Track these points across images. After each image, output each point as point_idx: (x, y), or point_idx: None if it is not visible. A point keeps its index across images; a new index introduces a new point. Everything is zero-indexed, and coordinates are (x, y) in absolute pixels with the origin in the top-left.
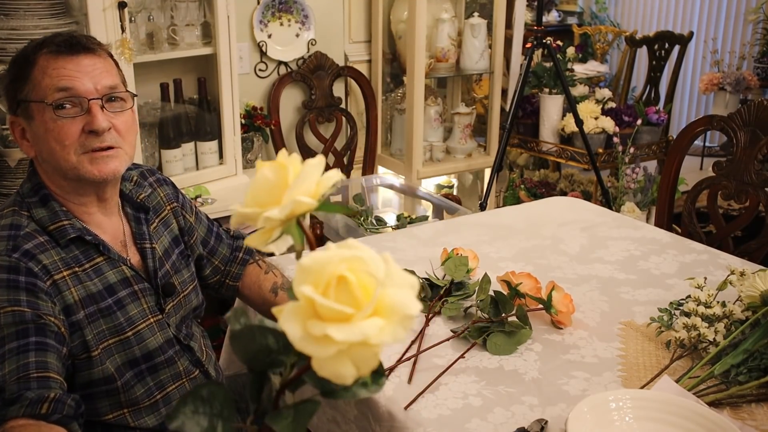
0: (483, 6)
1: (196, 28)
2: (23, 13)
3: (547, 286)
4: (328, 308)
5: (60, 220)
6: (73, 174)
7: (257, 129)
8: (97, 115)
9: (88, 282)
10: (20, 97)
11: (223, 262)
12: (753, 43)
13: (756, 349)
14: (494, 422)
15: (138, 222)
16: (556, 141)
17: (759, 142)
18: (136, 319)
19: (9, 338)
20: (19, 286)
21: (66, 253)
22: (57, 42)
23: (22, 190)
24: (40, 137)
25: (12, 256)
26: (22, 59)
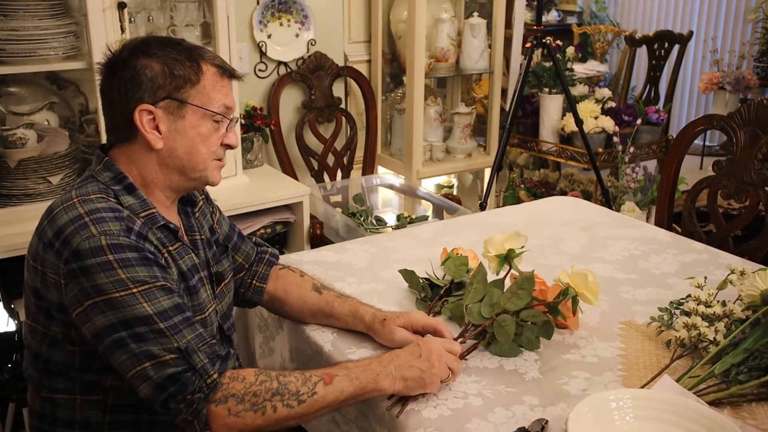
0: (483, 6)
1: (195, 29)
2: (23, 13)
3: (553, 288)
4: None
5: (150, 208)
6: (198, 174)
7: (257, 129)
8: (237, 135)
9: (179, 260)
10: (179, 95)
11: (246, 260)
12: (753, 42)
13: (756, 349)
14: (495, 422)
15: (187, 215)
16: (556, 141)
17: (759, 142)
18: (207, 303)
19: (173, 311)
20: (151, 262)
21: (159, 234)
22: (221, 64)
23: (101, 178)
24: (185, 136)
25: (130, 236)
26: (189, 62)
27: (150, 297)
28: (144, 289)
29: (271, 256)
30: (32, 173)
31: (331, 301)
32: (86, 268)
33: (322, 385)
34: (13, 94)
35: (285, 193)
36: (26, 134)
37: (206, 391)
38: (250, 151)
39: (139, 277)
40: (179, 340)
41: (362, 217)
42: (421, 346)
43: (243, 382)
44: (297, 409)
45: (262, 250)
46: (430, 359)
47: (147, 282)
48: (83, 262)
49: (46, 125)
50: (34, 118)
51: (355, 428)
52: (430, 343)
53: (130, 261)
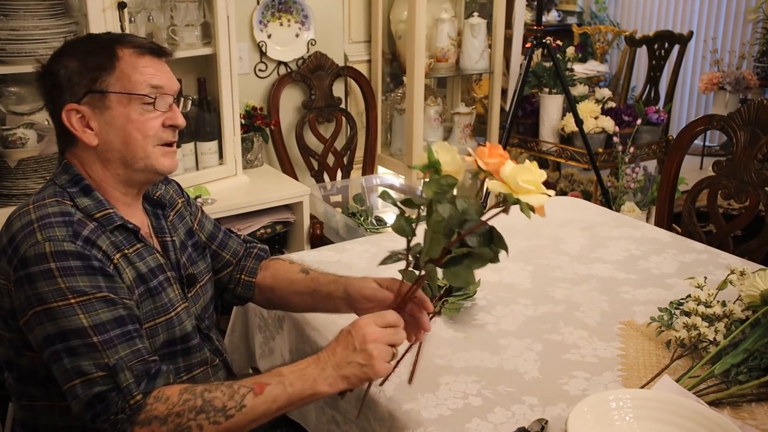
0: (483, 6)
1: (195, 29)
2: (23, 13)
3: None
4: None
5: (105, 208)
6: (143, 164)
7: (257, 129)
8: (178, 113)
9: (137, 263)
10: (98, 87)
11: (234, 255)
12: (753, 42)
13: (756, 349)
14: (494, 422)
15: (156, 217)
16: (556, 141)
17: (759, 142)
18: (174, 302)
19: (110, 325)
20: (95, 271)
21: (113, 236)
22: (140, 43)
23: (58, 181)
24: (116, 127)
25: (76, 242)
26: (101, 50)
27: (88, 309)
28: (83, 300)
29: (260, 251)
30: (32, 173)
31: (316, 277)
32: (30, 276)
33: (252, 396)
34: (13, 94)
35: (285, 193)
36: (26, 134)
37: (129, 413)
38: (250, 151)
39: (79, 287)
40: (111, 356)
41: (362, 217)
42: (354, 334)
43: (166, 402)
44: (225, 425)
45: (251, 246)
46: (366, 349)
47: (86, 293)
48: (28, 270)
49: (46, 125)
50: (34, 118)
51: (355, 428)
52: (362, 328)
53: (72, 270)
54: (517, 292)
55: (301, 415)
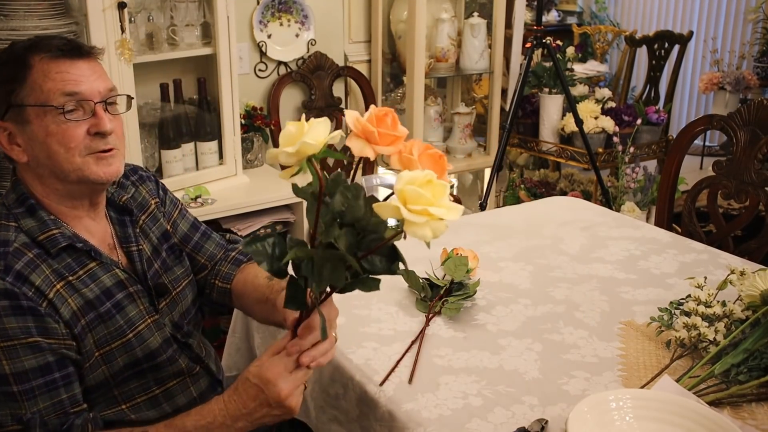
0: (483, 6)
1: (195, 29)
2: (23, 13)
3: None
4: (421, 195)
5: (49, 229)
6: (75, 176)
7: (257, 129)
8: (104, 118)
9: (84, 289)
10: (13, 101)
11: (210, 259)
12: (753, 42)
13: (756, 349)
14: (494, 422)
15: (122, 225)
16: (556, 141)
17: (759, 142)
18: (135, 320)
19: (33, 373)
20: (25, 312)
21: (58, 262)
22: (55, 46)
23: (6, 201)
24: (38, 141)
25: (6, 279)
26: (13, 61)
27: (11, 355)
28: (7, 345)
29: (239, 254)
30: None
31: (273, 285)
32: None
33: None
34: None
35: (285, 193)
36: None
37: None
38: (250, 151)
39: (5, 331)
40: (29, 407)
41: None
42: (267, 392)
43: None
44: None
45: (231, 248)
46: (283, 404)
47: (11, 337)
48: None
49: None
50: None
51: (357, 427)
52: (274, 385)
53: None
54: (517, 292)
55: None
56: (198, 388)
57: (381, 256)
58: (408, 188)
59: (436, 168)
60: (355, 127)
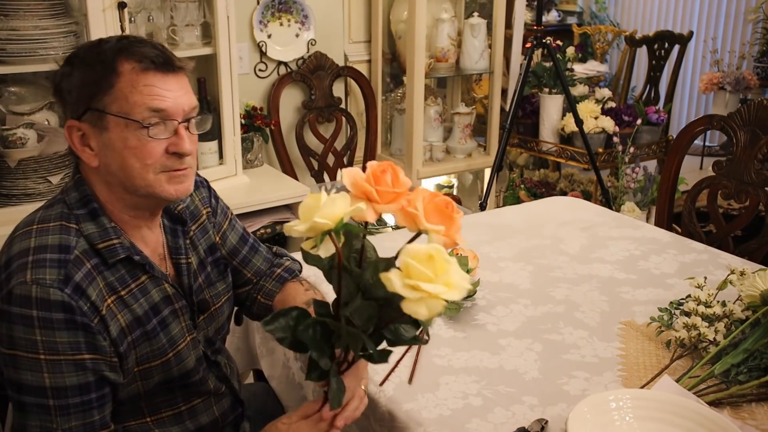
0: (483, 6)
1: (195, 29)
2: (23, 13)
3: None
4: (420, 271)
5: (110, 238)
6: (145, 191)
7: (257, 129)
8: (185, 139)
9: (134, 305)
10: (95, 105)
11: (256, 274)
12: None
13: (756, 349)
14: (494, 422)
15: (174, 235)
16: (556, 141)
17: (759, 142)
18: (177, 339)
19: (72, 391)
20: (77, 327)
21: (112, 274)
22: (147, 56)
23: (68, 200)
24: (114, 150)
25: (65, 290)
26: (100, 65)
27: (55, 369)
28: (52, 359)
29: (284, 271)
30: (32, 173)
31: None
32: (10, 315)
33: None
34: (13, 94)
35: (285, 193)
36: (26, 134)
37: None
38: (250, 151)
39: (54, 344)
40: (61, 424)
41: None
42: None
43: None
44: None
45: (277, 263)
46: None
47: (59, 352)
48: (9, 308)
49: (46, 125)
50: (34, 117)
51: (355, 428)
52: None
53: (52, 323)
54: (517, 292)
55: None
56: (220, 408)
57: (406, 324)
58: (408, 262)
59: (443, 219)
60: (353, 188)
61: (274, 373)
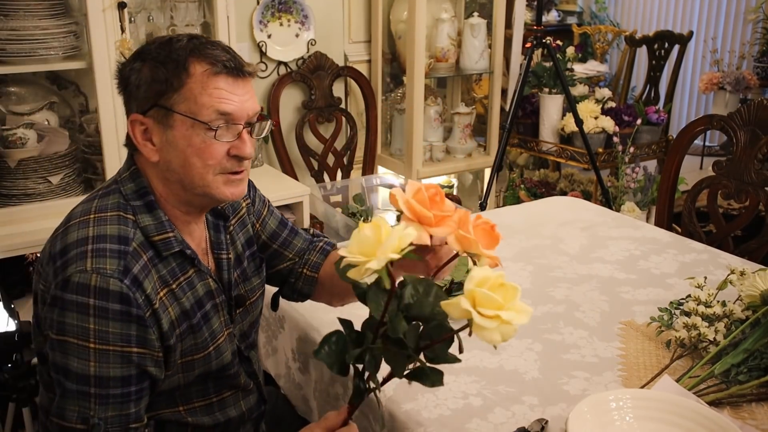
0: (483, 6)
1: (195, 29)
2: (23, 13)
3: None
4: (493, 300)
5: (166, 231)
6: (202, 191)
7: None
8: (247, 143)
9: (182, 298)
10: (163, 102)
11: (298, 254)
12: (753, 42)
13: (756, 349)
14: (494, 422)
15: (216, 230)
16: (556, 141)
17: (759, 142)
18: (217, 333)
19: (114, 382)
20: (131, 320)
21: (164, 266)
22: (220, 60)
23: (124, 190)
24: (177, 148)
25: (124, 281)
26: (172, 63)
27: (102, 358)
28: (101, 348)
29: (325, 244)
30: (32, 173)
31: None
32: (65, 302)
33: None
34: (13, 94)
35: (285, 193)
36: (26, 134)
37: None
38: None
39: (106, 334)
40: (98, 412)
41: (362, 217)
42: None
43: None
44: None
45: (317, 239)
46: None
47: (109, 342)
48: (66, 295)
49: (46, 125)
50: (34, 118)
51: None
52: None
53: (107, 312)
54: None
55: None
56: (247, 403)
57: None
58: (479, 291)
59: (490, 241)
60: (408, 211)
61: (280, 372)
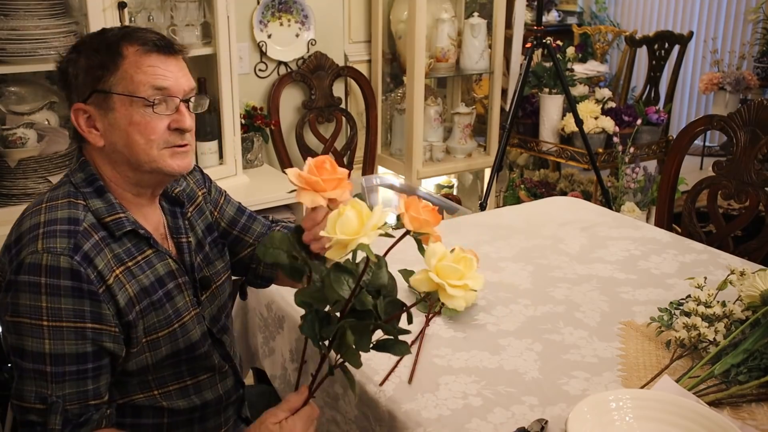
0: (483, 6)
1: (195, 28)
2: (23, 13)
3: None
4: (455, 269)
5: (116, 212)
6: (149, 167)
7: (257, 129)
8: (186, 115)
9: (141, 276)
10: (101, 87)
11: (257, 238)
12: (753, 42)
13: (756, 349)
14: (494, 422)
15: (174, 216)
16: (556, 141)
17: (759, 142)
18: (182, 311)
19: (70, 359)
20: (84, 295)
21: (119, 246)
22: (149, 39)
23: (73, 180)
24: (119, 129)
25: (74, 258)
26: (105, 49)
27: (56, 335)
28: (55, 325)
29: (283, 228)
30: (32, 173)
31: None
32: (18, 284)
33: None
34: (13, 94)
35: (285, 194)
36: (26, 134)
37: None
38: (250, 151)
39: (59, 311)
40: (55, 390)
41: None
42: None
43: None
44: None
45: (275, 224)
46: None
47: (63, 319)
48: (19, 276)
49: (46, 125)
50: (34, 117)
51: (355, 428)
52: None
53: (59, 289)
54: (517, 292)
55: None
56: (224, 386)
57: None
58: (444, 265)
59: (435, 219)
60: (298, 181)
61: (276, 373)
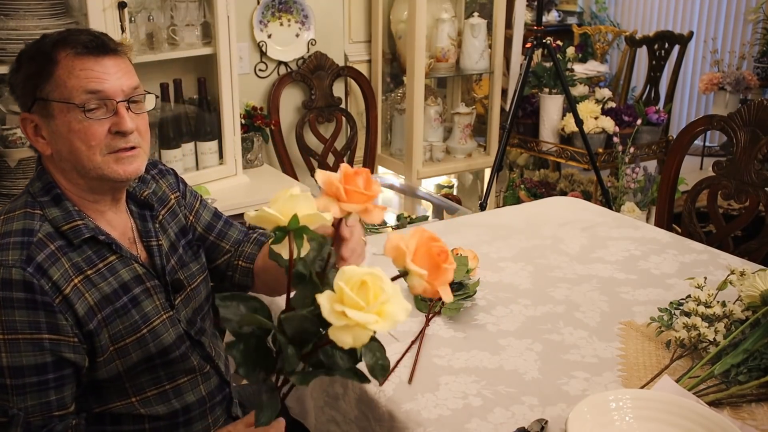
0: (483, 6)
1: (195, 28)
2: (23, 13)
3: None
4: (350, 297)
5: (74, 220)
6: (95, 173)
7: (257, 129)
8: (125, 117)
9: (102, 283)
10: (39, 95)
11: (234, 244)
12: (753, 42)
13: (756, 349)
14: (494, 422)
15: (143, 219)
16: (556, 141)
17: (759, 142)
18: (150, 316)
19: (29, 371)
20: (38, 307)
21: (79, 255)
22: (81, 42)
23: (32, 189)
24: (61, 136)
25: (27, 270)
26: (40, 56)
27: (12, 348)
28: (10, 338)
29: (260, 235)
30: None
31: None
32: None
33: None
34: None
35: None
36: None
37: None
38: (250, 151)
39: (14, 323)
40: (17, 403)
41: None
42: None
43: None
44: None
45: (252, 231)
46: None
47: (18, 331)
48: None
49: None
50: None
51: (355, 428)
52: None
53: (12, 302)
54: (517, 292)
55: (302, 412)
56: (207, 387)
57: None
58: (342, 287)
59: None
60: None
61: None
